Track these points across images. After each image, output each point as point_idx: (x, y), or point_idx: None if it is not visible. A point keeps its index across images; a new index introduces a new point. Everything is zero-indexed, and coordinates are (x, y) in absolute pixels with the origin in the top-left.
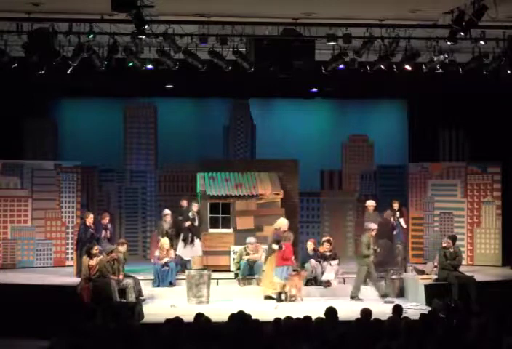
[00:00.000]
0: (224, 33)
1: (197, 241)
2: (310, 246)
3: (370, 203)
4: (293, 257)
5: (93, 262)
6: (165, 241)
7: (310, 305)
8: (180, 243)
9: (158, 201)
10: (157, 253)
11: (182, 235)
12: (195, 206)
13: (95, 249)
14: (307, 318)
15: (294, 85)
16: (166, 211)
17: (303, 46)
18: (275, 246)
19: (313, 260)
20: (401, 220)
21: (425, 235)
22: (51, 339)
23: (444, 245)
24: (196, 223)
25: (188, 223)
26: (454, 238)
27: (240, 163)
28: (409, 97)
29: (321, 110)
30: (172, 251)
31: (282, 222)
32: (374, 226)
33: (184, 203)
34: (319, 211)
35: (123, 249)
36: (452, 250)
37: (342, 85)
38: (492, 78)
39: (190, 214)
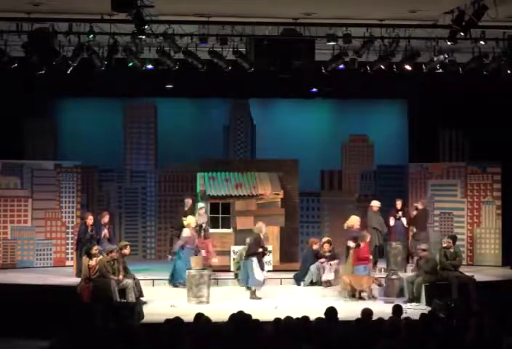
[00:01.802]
0: (224, 33)
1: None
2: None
3: (375, 204)
4: (370, 257)
5: (93, 262)
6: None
7: (310, 305)
8: (257, 270)
9: (158, 201)
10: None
11: (256, 261)
12: (263, 227)
13: (95, 249)
14: (307, 318)
15: (294, 85)
16: (201, 204)
17: (303, 46)
18: (351, 244)
19: (318, 263)
20: (403, 220)
21: None
22: (51, 339)
23: (445, 245)
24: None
25: (261, 249)
26: (454, 238)
27: (240, 163)
28: (409, 97)
29: (321, 110)
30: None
31: (354, 219)
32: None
33: (188, 201)
34: (319, 211)
35: (127, 251)
36: (452, 250)
37: (342, 85)
38: (492, 78)
39: (262, 236)
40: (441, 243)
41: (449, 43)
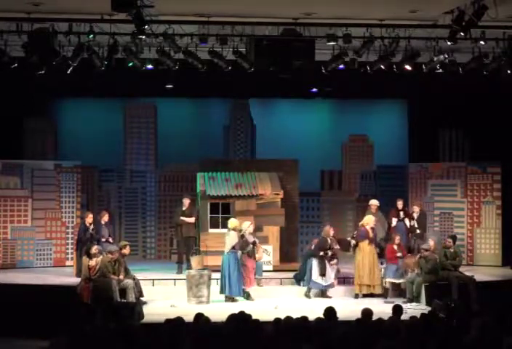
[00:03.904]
0: (224, 33)
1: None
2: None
3: (374, 203)
4: (398, 254)
5: (93, 262)
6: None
7: (311, 305)
8: (315, 272)
9: (158, 201)
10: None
11: (316, 263)
12: (331, 231)
13: (94, 249)
14: (306, 318)
15: (294, 85)
16: (248, 222)
17: (303, 46)
18: (352, 241)
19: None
20: (406, 220)
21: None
22: (51, 339)
23: (436, 245)
24: (333, 249)
25: (322, 253)
26: (454, 238)
27: (240, 163)
28: (409, 97)
29: (321, 110)
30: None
31: (368, 219)
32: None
33: (186, 201)
34: (319, 211)
35: (127, 251)
36: (452, 250)
37: (342, 85)
38: (492, 78)
39: (329, 241)
40: (442, 243)
41: (449, 43)
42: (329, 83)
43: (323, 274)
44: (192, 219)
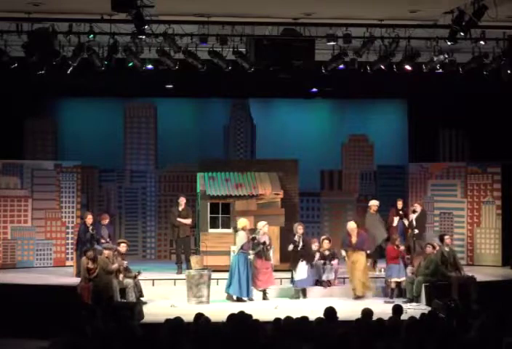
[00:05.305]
0: (224, 33)
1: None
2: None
3: (374, 203)
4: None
5: (91, 265)
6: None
7: (311, 305)
8: (299, 270)
9: (158, 201)
10: None
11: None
12: (300, 229)
13: (88, 255)
14: (306, 318)
15: (294, 85)
16: (263, 222)
17: (303, 46)
18: (343, 252)
19: (318, 263)
20: (405, 221)
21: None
22: (51, 339)
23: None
24: (299, 247)
25: (291, 247)
26: (442, 237)
27: (240, 163)
28: (409, 97)
29: (321, 110)
30: None
31: (347, 225)
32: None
33: (182, 200)
34: (319, 211)
35: (122, 249)
36: (447, 249)
37: (342, 85)
38: (492, 78)
39: (296, 238)
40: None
41: (449, 43)
42: (329, 83)
43: (294, 270)
44: (189, 221)
